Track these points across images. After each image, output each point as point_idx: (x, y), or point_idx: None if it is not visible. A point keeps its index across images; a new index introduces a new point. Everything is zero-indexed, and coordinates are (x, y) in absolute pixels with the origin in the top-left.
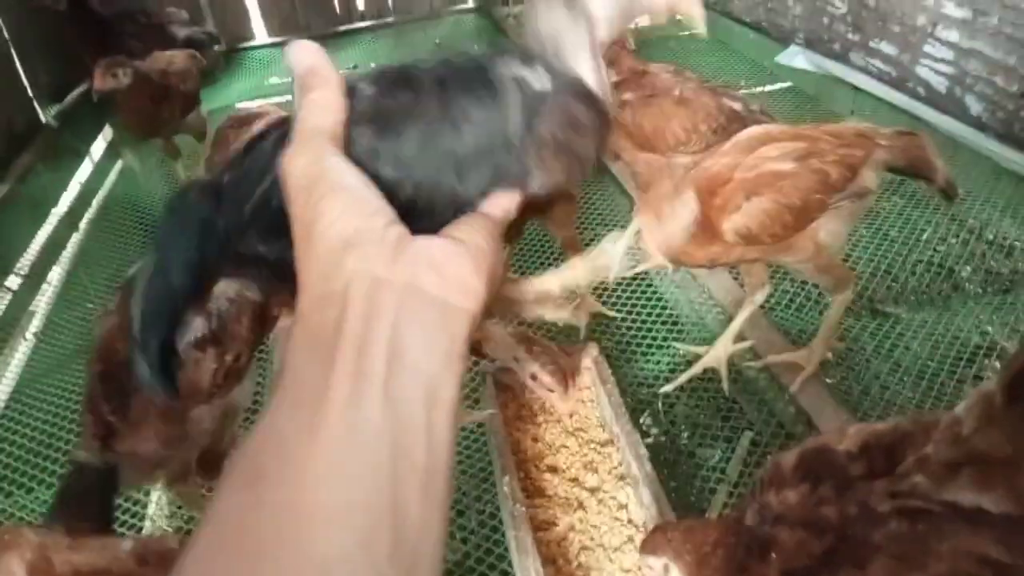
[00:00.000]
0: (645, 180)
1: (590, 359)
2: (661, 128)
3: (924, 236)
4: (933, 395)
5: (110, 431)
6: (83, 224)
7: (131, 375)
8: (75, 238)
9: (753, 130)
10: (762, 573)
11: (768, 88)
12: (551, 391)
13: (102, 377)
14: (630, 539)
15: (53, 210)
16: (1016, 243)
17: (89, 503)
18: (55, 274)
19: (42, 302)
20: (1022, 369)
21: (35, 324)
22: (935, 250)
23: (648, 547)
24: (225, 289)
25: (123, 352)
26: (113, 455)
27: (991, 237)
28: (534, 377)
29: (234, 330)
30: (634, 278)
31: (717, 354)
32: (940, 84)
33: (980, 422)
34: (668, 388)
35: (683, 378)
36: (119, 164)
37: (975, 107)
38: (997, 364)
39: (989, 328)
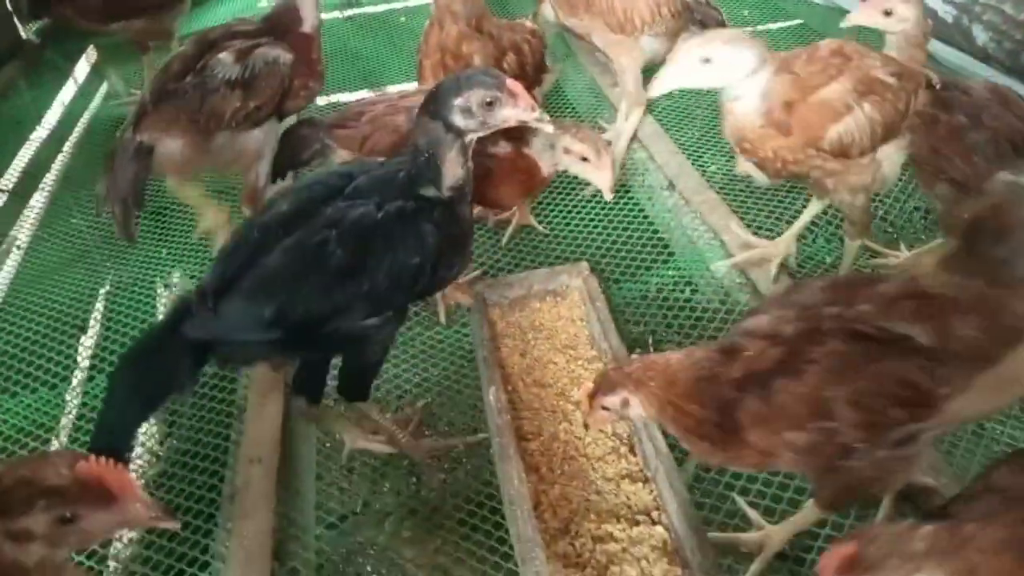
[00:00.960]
0: (616, 60)
1: (580, 277)
2: (630, 9)
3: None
4: None
5: (144, 113)
6: (67, 146)
7: (176, 89)
8: (60, 158)
9: (835, 44)
10: (727, 375)
11: (776, 25)
12: (585, 159)
13: (153, 84)
14: (614, 450)
15: (37, 129)
16: None
17: (125, 172)
18: (41, 191)
19: (28, 217)
20: (975, 221)
21: (22, 237)
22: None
23: (604, 387)
24: (266, 52)
25: (177, 68)
26: (144, 137)
27: None
28: (567, 150)
29: (260, 85)
30: (626, 202)
31: (779, 249)
32: (947, 13)
33: (939, 267)
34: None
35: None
36: (103, 87)
37: (981, 37)
38: None
39: None
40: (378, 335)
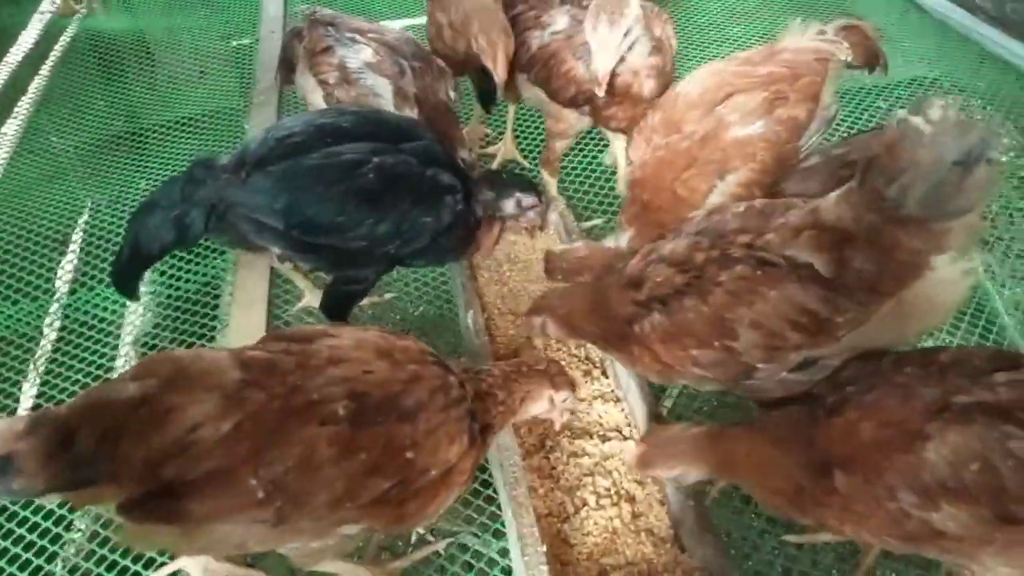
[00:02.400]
0: None
1: (557, 212)
2: None
3: None
4: None
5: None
6: (46, 64)
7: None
8: (38, 77)
9: (705, 76)
10: (633, 298)
11: None
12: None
13: None
14: (586, 373)
15: (15, 46)
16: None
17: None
18: (18, 109)
19: (7, 135)
20: (870, 160)
21: (2, 153)
22: None
23: (530, 310)
24: None
25: None
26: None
27: None
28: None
29: None
30: (605, 140)
31: None
32: None
33: (838, 200)
34: None
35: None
36: (83, 5)
37: None
38: None
39: None
40: (364, 266)
